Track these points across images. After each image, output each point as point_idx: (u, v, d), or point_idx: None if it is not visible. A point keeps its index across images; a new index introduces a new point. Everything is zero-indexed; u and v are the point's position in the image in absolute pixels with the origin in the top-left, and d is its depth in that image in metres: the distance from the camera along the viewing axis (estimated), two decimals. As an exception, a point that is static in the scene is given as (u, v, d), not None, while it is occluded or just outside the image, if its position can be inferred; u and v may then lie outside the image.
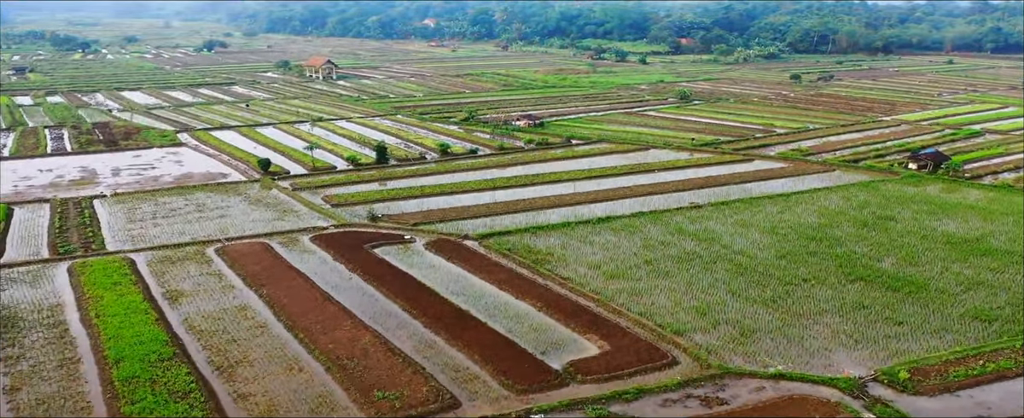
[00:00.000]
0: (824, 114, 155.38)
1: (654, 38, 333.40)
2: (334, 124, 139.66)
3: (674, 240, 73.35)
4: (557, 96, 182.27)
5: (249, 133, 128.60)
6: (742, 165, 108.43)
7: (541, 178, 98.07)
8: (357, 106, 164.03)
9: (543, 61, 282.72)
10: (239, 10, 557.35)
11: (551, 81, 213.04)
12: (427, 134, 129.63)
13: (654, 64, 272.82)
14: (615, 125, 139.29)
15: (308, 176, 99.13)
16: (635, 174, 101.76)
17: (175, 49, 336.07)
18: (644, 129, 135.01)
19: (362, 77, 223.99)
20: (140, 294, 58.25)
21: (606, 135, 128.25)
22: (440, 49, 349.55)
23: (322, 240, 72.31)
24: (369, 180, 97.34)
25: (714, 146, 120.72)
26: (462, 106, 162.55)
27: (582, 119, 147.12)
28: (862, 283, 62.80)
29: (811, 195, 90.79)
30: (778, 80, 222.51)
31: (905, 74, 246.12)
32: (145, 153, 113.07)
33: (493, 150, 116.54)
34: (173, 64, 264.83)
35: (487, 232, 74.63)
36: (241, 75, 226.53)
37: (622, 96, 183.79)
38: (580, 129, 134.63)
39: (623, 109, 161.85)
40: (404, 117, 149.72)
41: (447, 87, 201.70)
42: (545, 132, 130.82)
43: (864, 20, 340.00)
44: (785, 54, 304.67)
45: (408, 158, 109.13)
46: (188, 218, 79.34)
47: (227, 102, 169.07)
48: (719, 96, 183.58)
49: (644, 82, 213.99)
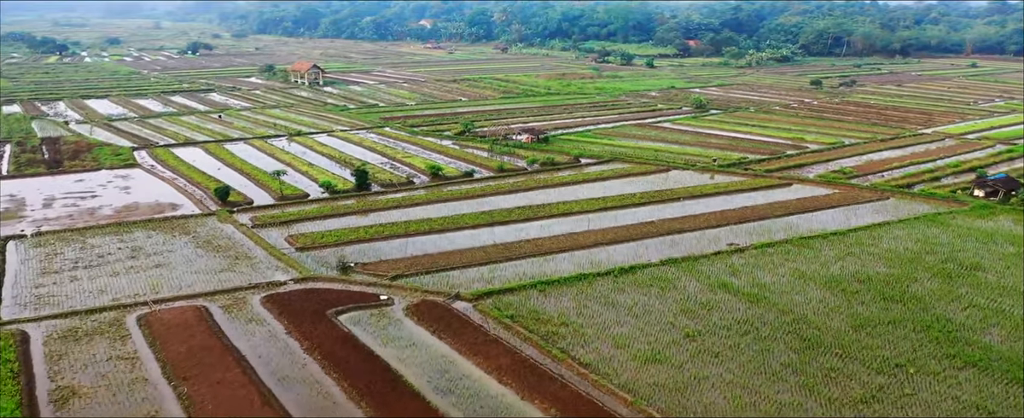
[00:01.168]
0: (856, 126, 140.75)
1: (660, 40, 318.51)
2: (313, 139, 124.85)
3: (718, 300, 58.66)
4: (561, 105, 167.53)
5: (216, 151, 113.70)
6: (780, 191, 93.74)
7: (548, 210, 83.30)
8: (342, 117, 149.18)
9: (544, 65, 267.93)
10: (230, 10, 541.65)
11: (554, 87, 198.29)
12: (417, 151, 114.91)
13: (661, 68, 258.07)
14: (627, 140, 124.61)
15: (274, 207, 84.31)
16: (657, 204, 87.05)
17: (159, 52, 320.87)
18: (660, 145, 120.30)
19: (351, 82, 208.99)
20: (16, 397, 43.41)
21: (619, 152, 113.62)
22: (436, 51, 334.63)
23: (276, 303, 57.50)
24: (345, 212, 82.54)
25: (743, 166, 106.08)
26: (458, 117, 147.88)
27: (590, 132, 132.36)
28: (974, 370, 48.17)
29: (870, 233, 76.10)
30: (797, 86, 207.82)
31: (930, 78, 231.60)
32: (90, 177, 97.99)
33: (491, 172, 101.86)
34: (153, 68, 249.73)
35: (484, 290, 59.86)
36: (222, 80, 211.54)
37: (632, 105, 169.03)
38: (589, 145, 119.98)
39: (634, 120, 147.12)
40: (393, 130, 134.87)
41: (442, 94, 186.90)
42: (550, 148, 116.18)
43: (879, 21, 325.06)
44: (798, 57, 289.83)
45: (393, 183, 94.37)
46: (117, 268, 64.50)
47: (200, 112, 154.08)
48: (736, 104, 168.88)
49: (654, 88, 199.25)
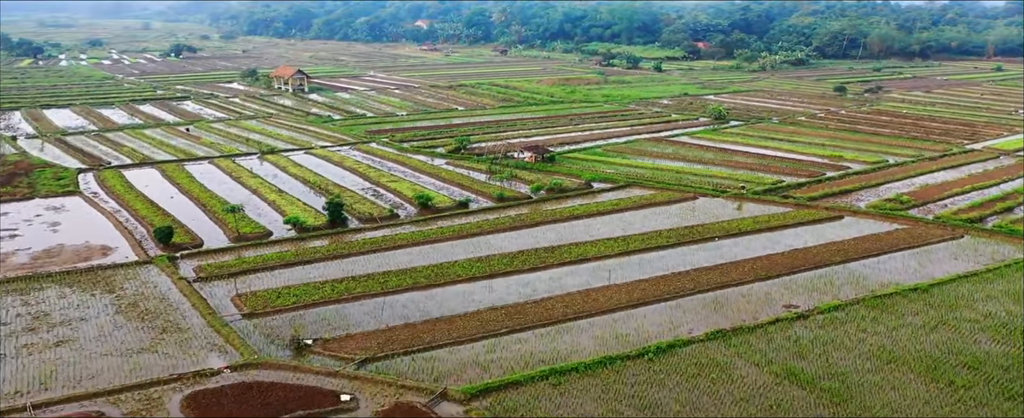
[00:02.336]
0: (896, 140, 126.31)
1: (667, 42, 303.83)
2: (289, 158, 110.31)
3: (788, 398, 44.21)
4: (566, 115, 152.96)
5: (174, 174, 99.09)
6: (831, 226, 79.32)
7: (558, 255, 68.83)
8: (324, 130, 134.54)
9: (546, 68, 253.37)
10: (222, 11, 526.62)
11: (557, 94, 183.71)
12: (405, 173, 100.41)
13: (670, 71, 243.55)
14: (643, 158, 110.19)
15: (227, 252, 69.76)
16: (688, 245, 72.66)
17: (141, 53, 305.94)
18: (681, 165, 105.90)
19: (339, 89, 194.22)
20: None
21: (635, 174, 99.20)
22: (432, 53, 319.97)
23: (200, 408, 42.99)
24: (312, 258, 68.06)
25: (780, 192, 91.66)
26: (452, 129, 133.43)
27: (600, 149, 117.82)
28: None
29: (958, 289, 61.64)
30: (819, 92, 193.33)
31: (957, 83, 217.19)
32: (17, 209, 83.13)
33: (490, 200, 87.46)
34: (131, 72, 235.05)
35: (479, 386, 45.32)
36: (201, 86, 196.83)
37: (643, 115, 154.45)
38: (600, 164, 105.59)
39: (648, 133, 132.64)
40: (379, 146, 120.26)
41: (436, 102, 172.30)
42: (557, 169, 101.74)
43: (896, 22, 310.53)
44: (813, 59, 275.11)
45: (374, 216, 79.86)
46: (4, 347, 50.00)
47: (167, 124, 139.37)
48: (757, 113, 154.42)
49: (665, 95, 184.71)
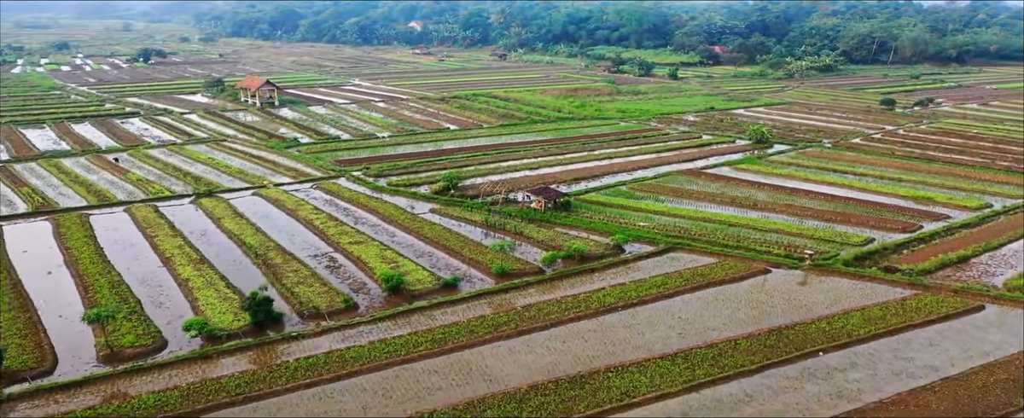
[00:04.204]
0: (986, 173, 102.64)
1: (681, 45, 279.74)
2: (229, 203, 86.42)
3: None
4: (578, 136, 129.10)
5: (67, 231, 75.12)
6: (974, 323, 55.63)
7: (589, 396, 45.06)
8: (285, 158, 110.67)
9: (549, 75, 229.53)
10: (206, 10, 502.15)
11: (565, 108, 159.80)
12: (375, 229, 76.65)
13: (687, 79, 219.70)
14: (681, 201, 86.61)
15: (82, 388, 45.94)
16: (781, 366, 49.11)
17: (107, 59, 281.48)
18: (732, 212, 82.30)
19: (315, 101, 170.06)
20: None
21: (677, 229, 75.65)
22: (425, 58, 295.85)
23: None
24: (212, 402, 44.29)
25: (877, 257, 67.97)
26: (441, 158, 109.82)
27: (626, 188, 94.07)
28: None
29: None
30: (862, 105, 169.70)
31: (1009, 93, 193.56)
32: None
33: (487, 276, 63.83)
34: (87, 79, 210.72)
35: None
36: (157, 99, 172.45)
37: (668, 135, 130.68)
38: (629, 211, 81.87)
39: (679, 161, 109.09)
40: (349, 184, 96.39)
41: (424, 119, 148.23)
42: (574, 221, 78.07)
43: (928, 23, 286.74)
44: (841, 65, 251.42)
45: (320, 312, 56.08)
46: None
47: (96, 150, 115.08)
48: (800, 133, 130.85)
49: (688, 109, 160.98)
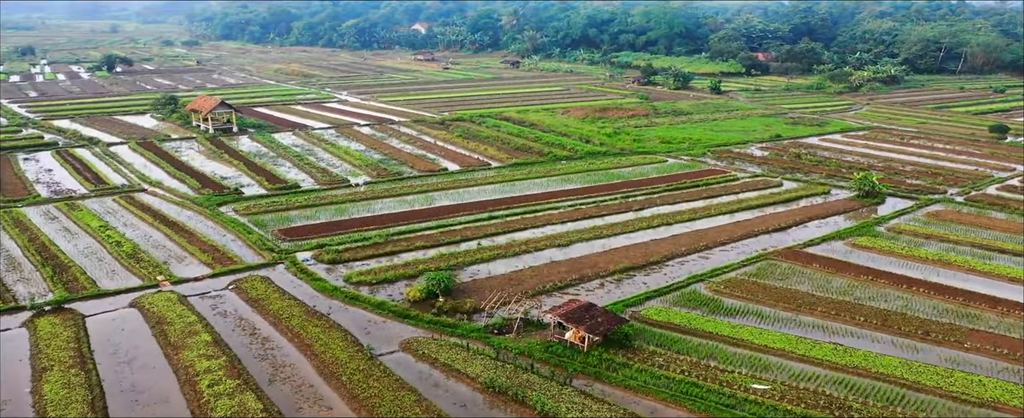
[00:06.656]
0: None
1: (718, 52, 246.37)
2: (84, 325, 54.23)
3: None
4: (617, 184, 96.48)
5: None
6: None
7: None
8: (213, 221, 78.64)
9: (569, 89, 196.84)
10: (199, 11, 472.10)
11: (594, 136, 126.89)
12: (294, 404, 44.40)
13: (733, 93, 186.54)
14: (793, 318, 54.04)
15: None
16: None
17: (70, 66, 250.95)
18: (874, 347, 49.56)
19: (285, 126, 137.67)
20: None
21: (812, 395, 43.06)
22: (428, 64, 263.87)
23: None
24: None
25: None
26: (432, 224, 77.43)
27: (705, 288, 61.43)
28: None
29: None
30: (965, 131, 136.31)
31: None
32: None
33: None
34: (25, 96, 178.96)
35: None
36: (93, 122, 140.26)
37: (735, 181, 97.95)
38: (723, 345, 49.30)
39: (767, 231, 76.39)
40: (288, 278, 63.95)
41: (416, 155, 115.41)
42: (639, 376, 45.34)
43: (1000, 27, 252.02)
44: (905, 75, 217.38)
45: None
46: None
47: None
48: (908, 176, 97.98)
49: (749, 137, 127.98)
